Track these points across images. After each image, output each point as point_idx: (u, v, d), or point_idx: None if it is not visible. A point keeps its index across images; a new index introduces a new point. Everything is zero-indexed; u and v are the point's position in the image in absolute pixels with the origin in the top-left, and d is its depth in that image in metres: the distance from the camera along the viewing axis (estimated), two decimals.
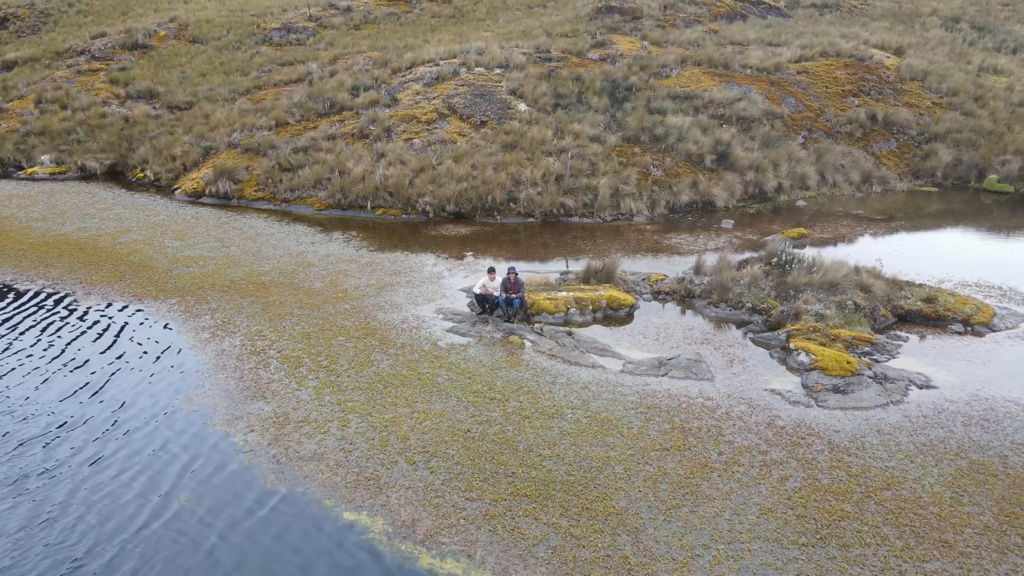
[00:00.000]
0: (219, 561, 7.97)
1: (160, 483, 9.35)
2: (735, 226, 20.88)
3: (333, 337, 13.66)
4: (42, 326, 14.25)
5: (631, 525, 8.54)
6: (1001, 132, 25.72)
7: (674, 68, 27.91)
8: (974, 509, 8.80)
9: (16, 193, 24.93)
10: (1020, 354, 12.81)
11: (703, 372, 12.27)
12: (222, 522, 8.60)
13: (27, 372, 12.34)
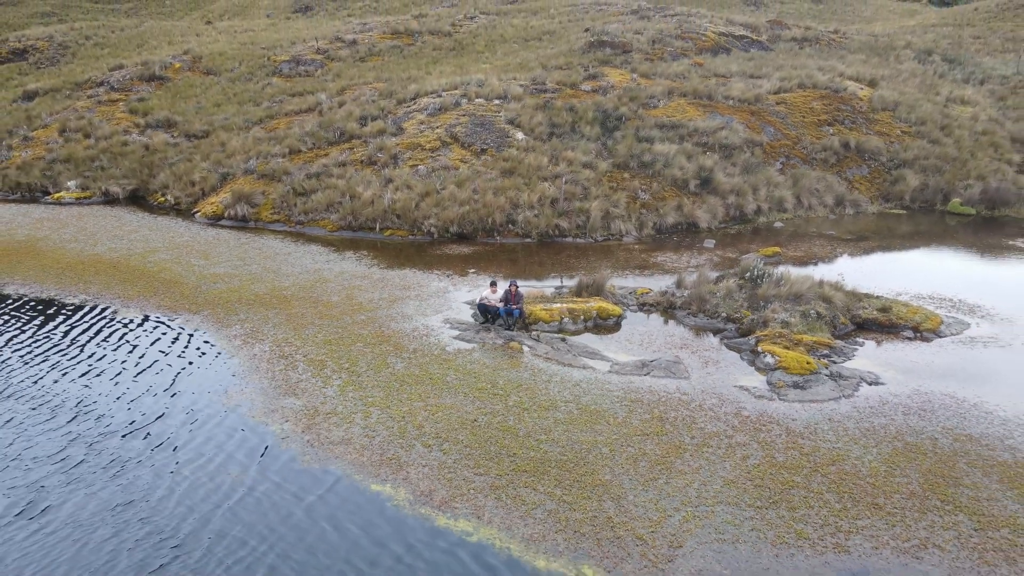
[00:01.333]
0: (272, 521, 9.54)
1: (217, 463, 10.94)
2: (716, 245, 22.64)
3: (352, 344, 15.30)
4: (90, 335, 15.86)
5: (615, 493, 10.15)
6: (965, 159, 27.66)
7: (661, 99, 29.88)
8: (904, 480, 10.43)
9: (46, 217, 26.63)
10: (960, 356, 14.50)
11: (681, 372, 13.93)
12: (270, 493, 10.18)
13: (82, 373, 13.94)
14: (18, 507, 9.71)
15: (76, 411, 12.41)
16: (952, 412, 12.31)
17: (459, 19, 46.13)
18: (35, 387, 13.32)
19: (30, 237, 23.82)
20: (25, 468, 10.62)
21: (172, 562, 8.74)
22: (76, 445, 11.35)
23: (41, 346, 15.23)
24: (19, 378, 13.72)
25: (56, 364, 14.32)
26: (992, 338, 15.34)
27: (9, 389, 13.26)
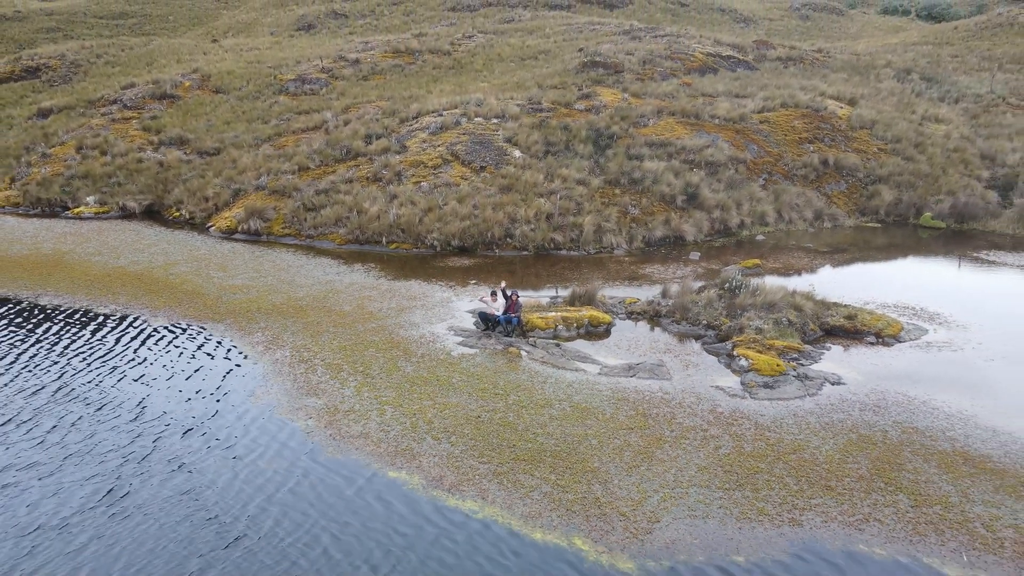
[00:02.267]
0: (310, 502, 11.00)
1: (256, 454, 12.39)
2: (701, 258, 24.20)
3: (365, 349, 16.77)
4: (124, 342, 17.30)
5: (602, 478, 11.63)
6: (937, 175, 29.31)
7: (651, 118, 31.52)
8: (854, 466, 11.94)
9: (69, 231, 28.08)
10: (916, 359, 16.04)
11: (664, 374, 15.44)
12: (302, 480, 11.64)
13: (123, 377, 15.38)
14: (101, 494, 11.13)
15: (137, 411, 13.85)
16: (903, 408, 13.83)
17: (458, 38, 47.84)
18: (96, 389, 14.76)
19: (56, 251, 25.27)
20: (100, 461, 12.04)
21: (244, 536, 10.18)
22: (142, 439, 12.79)
23: (85, 352, 16.67)
24: (81, 381, 15.17)
25: (98, 368, 15.76)
26: (947, 343, 16.89)
27: (75, 391, 14.70)
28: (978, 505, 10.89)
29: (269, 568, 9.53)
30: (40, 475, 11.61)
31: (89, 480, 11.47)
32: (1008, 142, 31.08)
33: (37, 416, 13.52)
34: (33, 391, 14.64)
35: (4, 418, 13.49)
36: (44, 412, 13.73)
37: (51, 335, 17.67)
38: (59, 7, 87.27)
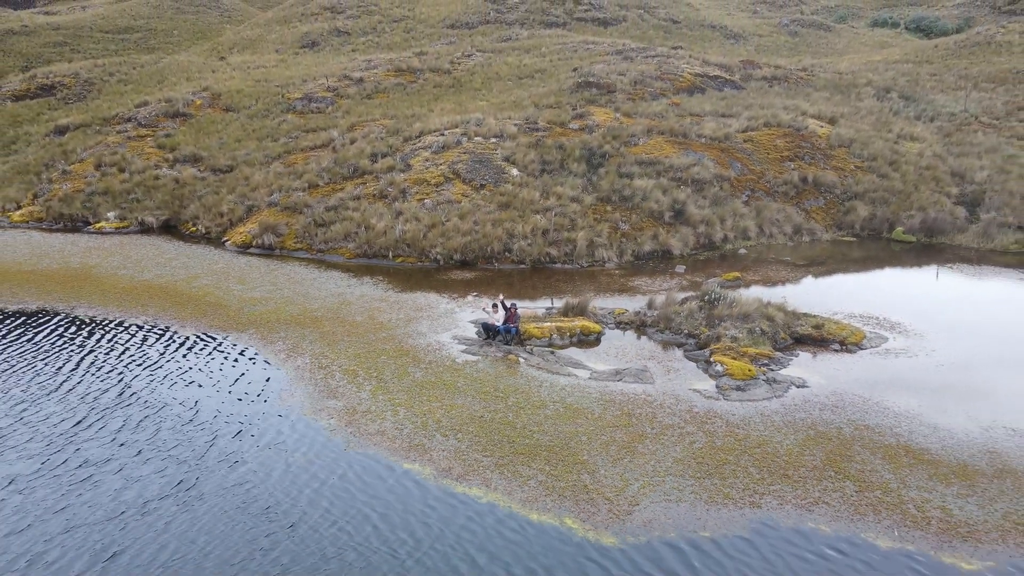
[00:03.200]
0: (335, 487, 12.72)
1: (288, 447, 14.11)
2: (686, 271, 26.00)
3: (377, 356, 18.50)
4: (159, 350, 19.01)
5: (590, 469, 13.37)
6: (909, 191, 31.18)
7: (641, 137, 33.37)
8: (811, 458, 13.69)
9: (93, 246, 29.79)
10: (874, 365, 17.82)
11: (647, 378, 17.20)
12: (329, 471, 13.36)
13: (171, 380, 17.10)
14: (172, 484, 12.81)
15: (192, 412, 15.57)
16: (857, 408, 15.61)
17: (457, 57, 49.74)
18: (153, 393, 16.45)
19: (83, 265, 26.97)
20: (166, 456, 13.71)
21: (299, 521, 11.89)
22: (199, 436, 14.50)
23: (136, 358, 18.37)
24: (139, 385, 16.86)
25: (149, 373, 17.47)
26: (904, 350, 18.68)
27: (136, 394, 16.39)
28: (913, 490, 12.65)
29: (330, 540, 11.24)
30: (117, 468, 13.30)
31: (159, 473, 13.15)
32: (977, 160, 32.97)
33: (105, 418, 15.21)
34: (97, 394, 16.34)
35: (76, 419, 15.19)
36: (110, 414, 15.42)
37: (102, 344, 19.34)
38: (65, 22, 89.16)
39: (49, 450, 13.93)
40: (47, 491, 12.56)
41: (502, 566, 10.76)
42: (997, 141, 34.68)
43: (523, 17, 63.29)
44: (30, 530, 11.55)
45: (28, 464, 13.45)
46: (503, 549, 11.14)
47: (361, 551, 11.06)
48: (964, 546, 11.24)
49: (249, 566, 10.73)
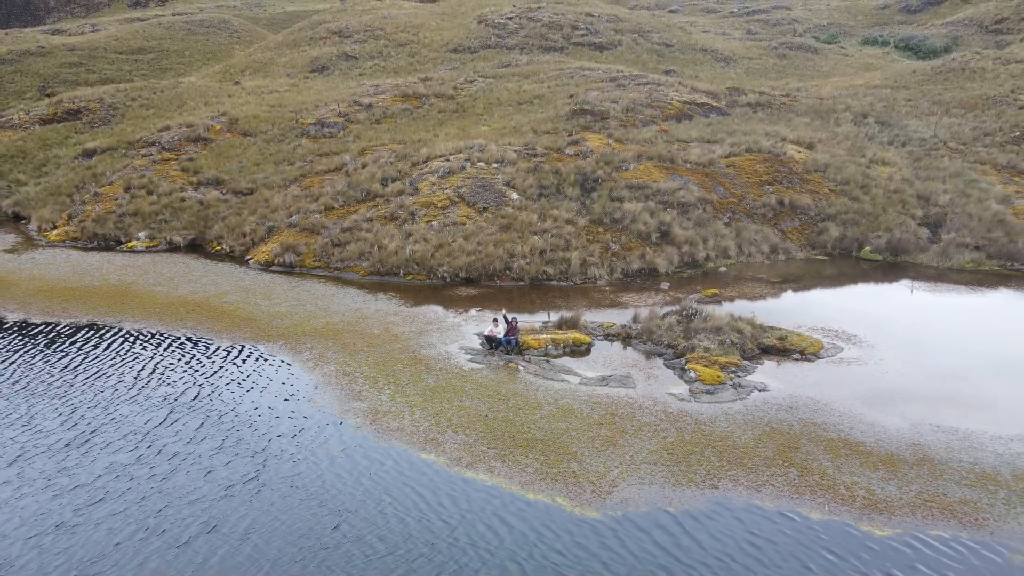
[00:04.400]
0: (370, 474, 15.29)
1: (321, 441, 16.69)
2: (670, 287, 28.63)
3: (394, 365, 21.10)
4: (206, 359, 21.61)
5: (578, 458, 15.94)
6: (878, 213, 33.83)
7: (631, 163, 36.08)
8: (764, 449, 16.27)
9: (128, 264, 32.41)
10: (829, 372, 20.41)
11: (630, 383, 19.80)
12: (361, 460, 15.93)
13: (226, 385, 19.68)
14: (242, 477, 15.38)
15: (251, 412, 18.16)
16: (808, 408, 18.20)
17: (460, 83, 52.58)
18: (219, 399, 19.06)
19: (122, 282, 29.59)
20: (232, 456, 16.27)
21: (346, 499, 14.47)
22: (256, 433, 17.09)
23: (194, 366, 20.97)
24: (208, 390, 19.45)
25: (209, 379, 20.06)
26: (856, 359, 21.28)
27: (203, 399, 18.98)
28: (846, 475, 15.23)
29: (373, 511, 13.82)
30: (204, 457, 15.90)
31: (231, 464, 15.75)
32: (942, 184, 35.63)
33: (184, 417, 17.77)
34: (176, 397, 18.94)
35: (163, 418, 17.77)
36: (188, 414, 17.99)
37: (157, 354, 21.93)
38: (80, 42, 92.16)
39: (143, 443, 16.53)
40: (149, 479, 15.15)
41: (504, 533, 13.34)
42: (961, 166, 37.38)
43: (523, 42, 66.24)
44: (139, 507, 14.13)
45: (128, 455, 16.04)
46: (504, 520, 13.72)
47: (397, 519, 13.64)
48: (880, 518, 13.82)
49: (316, 528, 13.33)
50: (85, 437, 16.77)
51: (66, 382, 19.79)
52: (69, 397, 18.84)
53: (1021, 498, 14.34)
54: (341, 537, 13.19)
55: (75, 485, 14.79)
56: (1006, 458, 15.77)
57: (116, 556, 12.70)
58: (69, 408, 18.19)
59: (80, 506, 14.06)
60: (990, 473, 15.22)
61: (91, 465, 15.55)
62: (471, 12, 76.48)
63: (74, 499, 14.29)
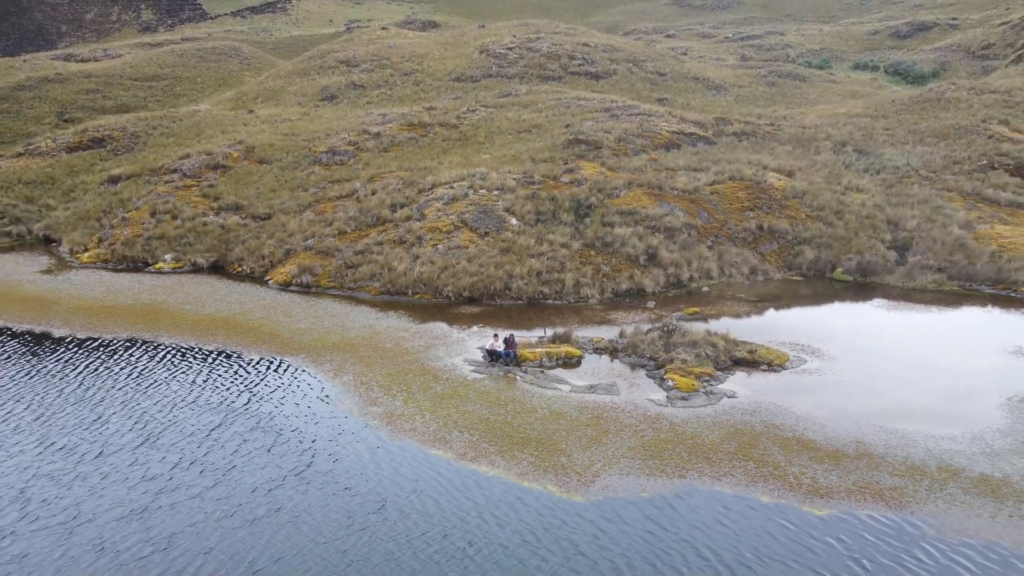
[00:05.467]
0: (389, 466, 17.87)
1: (346, 440, 19.27)
2: (656, 306, 31.26)
3: (406, 375, 23.70)
4: (241, 370, 24.22)
5: (567, 453, 18.50)
6: (850, 237, 36.54)
7: (622, 190, 38.87)
8: (728, 446, 18.83)
9: (156, 284, 35.12)
10: (791, 381, 22.99)
11: (615, 391, 22.39)
12: (381, 455, 18.51)
13: (265, 393, 22.28)
14: (292, 469, 17.97)
15: (281, 418, 20.77)
16: (770, 412, 20.77)
17: (463, 112, 55.62)
18: (266, 405, 21.67)
19: (153, 301, 32.26)
20: (282, 452, 18.84)
21: (371, 487, 17.05)
22: (295, 435, 19.68)
23: (240, 376, 23.58)
24: (257, 398, 22.06)
25: (252, 386, 22.66)
26: (817, 370, 23.87)
27: (252, 406, 21.59)
28: (796, 467, 17.78)
29: (393, 496, 16.38)
30: (257, 453, 18.49)
31: (285, 458, 18.35)
32: (910, 210, 38.35)
33: (238, 420, 20.37)
34: (229, 403, 21.55)
35: (220, 421, 20.38)
36: (241, 417, 20.59)
37: (201, 365, 24.55)
38: (96, 69, 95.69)
39: (207, 441, 19.13)
40: (213, 471, 17.73)
41: (502, 513, 15.90)
42: (929, 193, 40.14)
43: (522, 71, 69.47)
44: (207, 494, 16.71)
45: (193, 452, 18.63)
46: (503, 503, 16.28)
47: (413, 501, 16.22)
48: (821, 501, 16.37)
49: (350, 505, 15.90)
50: (154, 437, 19.37)
51: (127, 390, 22.43)
52: (134, 403, 21.48)
53: (941, 486, 16.90)
54: (386, 514, 15.75)
55: (149, 477, 17.37)
56: (935, 453, 18.33)
57: (191, 533, 15.24)
58: (136, 412, 20.82)
59: (155, 494, 16.62)
60: (919, 465, 17.78)
61: (161, 460, 18.13)
62: (473, 42, 79.93)
63: (149, 488, 16.86)
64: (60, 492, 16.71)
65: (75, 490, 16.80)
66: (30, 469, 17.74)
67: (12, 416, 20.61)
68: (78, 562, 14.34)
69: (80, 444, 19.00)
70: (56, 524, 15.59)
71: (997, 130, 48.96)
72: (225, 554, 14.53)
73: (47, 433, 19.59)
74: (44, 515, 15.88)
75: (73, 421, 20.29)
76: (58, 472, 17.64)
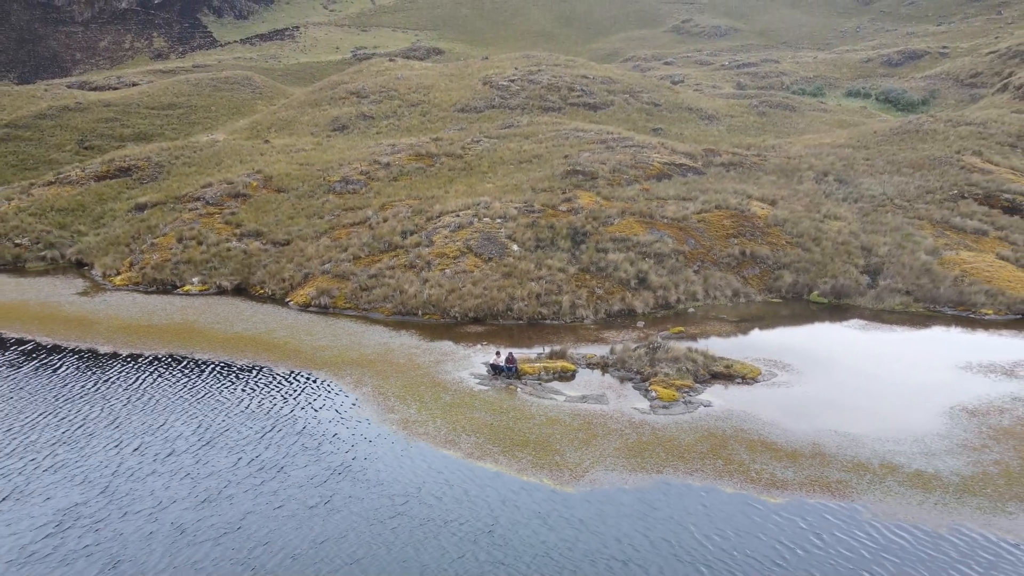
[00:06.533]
0: (409, 462, 20.73)
1: (369, 443, 22.13)
2: (645, 326, 34.18)
3: (418, 387, 26.58)
4: (268, 382, 27.12)
5: (560, 453, 21.34)
6: (826, 262, 39.50)
7: (616, 218, 41.95)
8: (701, 447, 21.66)
9: (185, 306, 38.13)
10: (761, 392, 25.82)
11: (604, 401, 25.25)
12: (400, 453, 21.37)
13: (302, 403, 25.17)
14: (338, 466, 20.83)
15: (314, 424, 23.66)
16: (740, 419, 23.61)
17: (468, 142, 58.97)
18: (306, 414, 24.59)
19: (185, 320, 35.25)
20: (321, 456, 21.70)
21: (395, 481, 19.90)
22: (330, 438, 22.56)
23: (283, 389, 26.48)
24: (301, 407, 24.96)
25: (291, 397, 25.56)
26: (786, 382, 26.72)
27: (296, 415, 24.49)
28: (758, 464, 20.60)
29: (414, 487, 19.23)
30: (301, 455, 21.37)
31: (315, 462, 21.24)
32: (883, 237, 41.35)
33: (286, 428, 23.26)
34: (271, 411, 24.47)
35: (271, 426, 23.28)
36: (284, 422, 23.49)
37: (241, 379, 27.46)
38: (115, 98, 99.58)
39: (261, 444, 22.03)
40: (271, 468, 20.61)
41: (504, 501, 18.74)
42: (901, 221, 43.17)
43: (524, 103, 73.04)
44: (262, 488, 19.58)
45: (249, 453, 21.50)
46: (504, 493, 19.12)
47: (428, 492, 19.07)
48: (777, 491, 19.19)
49: (385, 494, 18.76)
50: (214, 440, 22.27)
51: (184, 399, 25.38)
52: (192, 410, 24.42)
53: (881, 479, 19.72)
54: (420, 500, 18.60)
55: (210, 473, 20.22)
56: (879, 453, 21.15)
57: (257, 516, 18.09)
58: (196, 419, 23.73)
59: (221, 486, 19.46)
60: (864, 463, 20.60)
61: (222, 460, 20.98)
62: (477, 74, 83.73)
63: (215, 482, 19.70)
64: (140, 486, 19.56)
65: (151, 483, 19.66)
66: (110, 467, 20.62)
67: (88, 422, 23.57)
68: (164, 541, 17.17)
69: (151, 445, 21.90)
70: (142, 510, 18.45)
71: (970, 161, 52.15)
72: (290, 534, 17.36)
73: (120, 437, 22.49)
74: (130, 504, 18.72)
75: (142, 427, 23.20)
76: (136, 469, 20.51)
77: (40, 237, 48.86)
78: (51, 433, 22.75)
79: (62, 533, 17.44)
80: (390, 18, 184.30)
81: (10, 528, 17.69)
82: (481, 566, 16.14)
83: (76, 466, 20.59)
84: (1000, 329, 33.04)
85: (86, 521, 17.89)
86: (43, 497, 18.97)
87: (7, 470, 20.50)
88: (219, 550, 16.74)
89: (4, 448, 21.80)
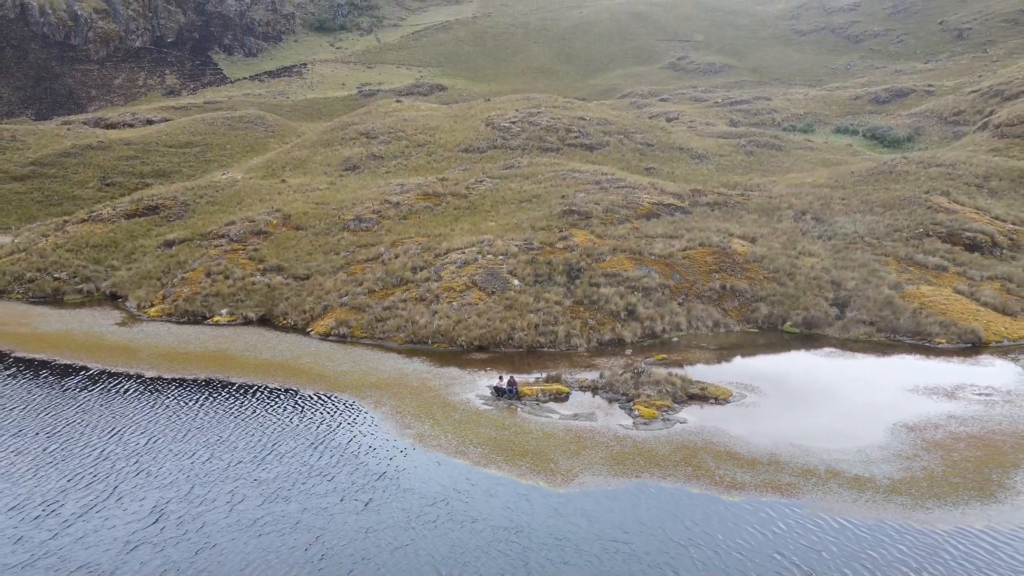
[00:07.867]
0: (424, 471, 24.41)
1: (388, 455, 25.83)
2: (632, 353, 37.95)
3: (431, 407, 30.30)
4: (299, 402, 30.85)
5: (555, 461, 25.02)
6: (799, 296, 43.36)
7: (608, 255, 45.95)
8: (675, 457, 25.33)
9: (216, 335, 41.97)
10: (731, 411, 29.50)
11: (594, 418, 28.97)
12: (418, 463, 25.05)
13: (333, 421, 28.88)
14: (375, 475, 24.53)
15: (347, 437, 27.38)
16: (710, 433, 27.30)
17: (472, 183, 63.32)
18: (344, 432, 28.32)
19: (218, 348, 39.06)
20: (360, 467, 25.40)
21: (415, 485, 23.60)
22: (365, 450, 26.27)
23: (314, 411, 30.20)
24: (336, 426, 28.68)
25: (323, 418, 29.28)
26: (753, 403, 30.43)
27: (334, 433, 28.21)
28: (722, 470, 24.26)
29: (433, 490, 22.91)
30: (344, 464, 25.06)
31: (353, 473, 24.94)
32: (851, 272, 45.27)
33: (326, 440, 26.98)
34: (317, 428, 28.18)
35: (310, 442, 27.00)
36: (325, 443, 27.19)
37: (280, 400, 31.19)
38: (134, 136, 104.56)
39: (306, 453, 25.72)
40: (319, 476, 24.30)
41: (506, 499, 22.41)
42: (869, 257, 47.13)
43: (524, 143, 77.65)
44: (308, 499, 23.27)
45: (294, 467, 25.19)
46: (506, 493, 22.80)
47: (446, 492, 22.75)
48: (736, 492, 22.86)
49: (415, 496, 22.44)
50: (268, 451, 25.93)
51: (234, 416, 29.11)
52: (244, 427, 28.08)
53: (824, 482, 23.37)
54: (442, 502, 22.26)
55: (270, 478, 23.89)
56: (827, 461, 24.83)
57: (311, 514, 21.75)
58: (248, 434, 27.43)
59: (277, 490, 23.10)
60: (812, 469, 24.26)
61: (277, 467, 24.62)
62: (480, 115, 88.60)
63: (273, 487, 23.30)
64: (215, 489, 23.19)
65: (225, 487, 23.28)
66: (185, 472, 24.32)
67: (157, 435, 27.35)
68: (240, 533, 20.81)
69: (216, 455, 25.61)
70: (219, 506, 22.12)
71: (937, 201, 56.31)
72: (343, 529, 20.97)
73: (192, 450, 26.18)
74: (208, 503, 22.38)
75: (206, 440, 26.92)
76: (207, 475, 24.17)
77: (77, 271, 52.87)
78: (135, 443, 26.51)
79: (160, 524, 21.11)
80: (394, 55, 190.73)
81: (119, 519, 21.37)
82: (499, 544, 19.78)
83: (159, 473, 24.28)
84: (950, 356, 36.82)
85: (177, 516, 21.55)
86: (137, 498, 22.63)
87: (102, 473, 24.22)
88: (282, 539, 20.40)
89: (92, 455, 25.53)
